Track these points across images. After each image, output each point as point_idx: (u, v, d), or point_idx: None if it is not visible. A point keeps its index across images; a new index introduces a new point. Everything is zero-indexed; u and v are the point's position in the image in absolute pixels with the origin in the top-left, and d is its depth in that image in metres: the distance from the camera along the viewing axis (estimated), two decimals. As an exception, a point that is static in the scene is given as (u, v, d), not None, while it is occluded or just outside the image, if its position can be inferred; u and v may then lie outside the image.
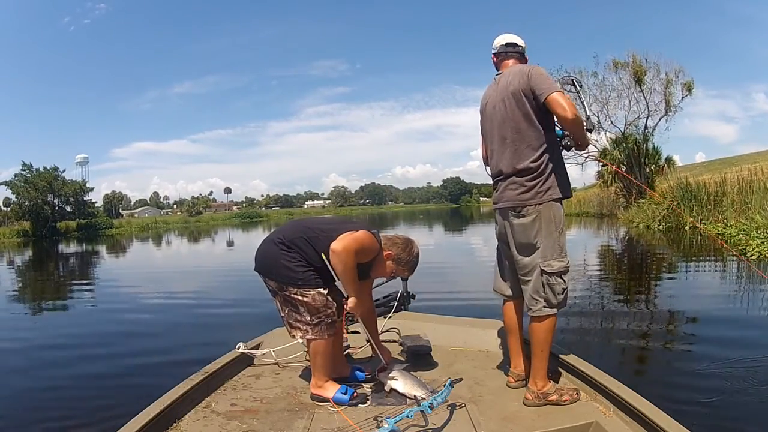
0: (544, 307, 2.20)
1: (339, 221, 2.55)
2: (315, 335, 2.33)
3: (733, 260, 8.88)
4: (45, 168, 44.93)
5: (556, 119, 2.23)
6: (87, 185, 50.30)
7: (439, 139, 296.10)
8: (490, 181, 2.47)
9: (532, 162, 2.20)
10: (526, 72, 2.22)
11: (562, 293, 2.21)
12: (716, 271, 8.36)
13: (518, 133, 2.22)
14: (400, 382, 2.34)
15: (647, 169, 20.66)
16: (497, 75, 2.42)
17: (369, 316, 2.59)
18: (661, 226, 14.78)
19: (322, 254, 2.29)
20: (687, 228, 13.63)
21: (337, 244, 2.22)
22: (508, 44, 2.44)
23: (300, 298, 2.32)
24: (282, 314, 2.44)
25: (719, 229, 11.78)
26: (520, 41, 2.44)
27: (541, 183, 2.20)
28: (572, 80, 2.54)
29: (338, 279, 2.32)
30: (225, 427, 2.09)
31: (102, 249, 25.08)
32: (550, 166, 2.22)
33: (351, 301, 2.31)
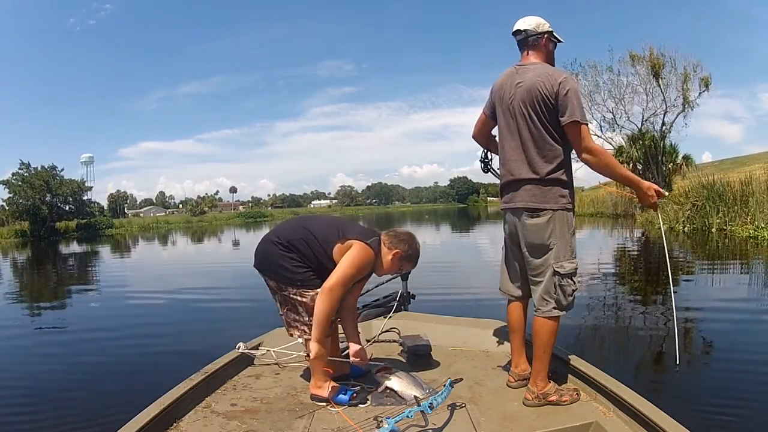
0: (554, 308, 2.20)
1: (338, 224, 2.46)
2: None
3: (761, 264, 8.60)
4: (43, 167, 44.00)
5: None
6: (86, 184, 49.45)
7: (445, 138, 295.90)
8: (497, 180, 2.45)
9: (549, 173, 2.17)
10: (556, 83, 2.12)
11: (572, 294, 2.21)
12: (743, 275, 7.93)
13: (540, 140, 2.18)
14: (397, 382, 2.34)
15: (664, 168, 20.34)
16: (518, 65, 2.31)
17: (350, 317, 2.58)
18: (685, 228, 14.03)
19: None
20: (713, 230, 13.11)
21: (328, 283, 2.23)
22: (514, 32, 2.34)
23: (299, 298, 2.33)
24: (281, 313, 2.45)
25: (750, 231, 11.34)
26: (524, 25, 2.31)
27: (557, 190, 2.20)
28: None
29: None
30: (225, 427, 2.10)
31: (98, 249, 24.76)
32: (565, 177, 2.21)
33: (313, 347, 2.25)
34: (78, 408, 3.42)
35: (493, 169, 2.64)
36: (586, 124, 2.15)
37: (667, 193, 2.36)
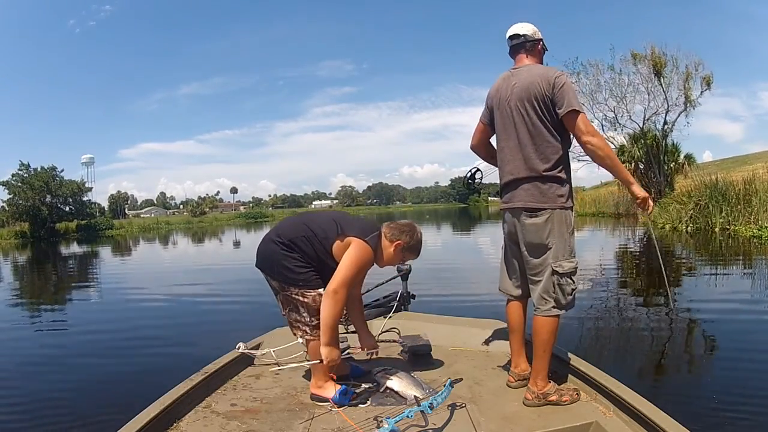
0: (553, 307, 2.21)
1: (337, 219, 2.44)
2: (314, 336, 2.33)
3: (765, 263, 8.53)
4: (42, 168, 43.79)
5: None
6: (86, 185, 49.25)
7: (446, 138, 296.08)
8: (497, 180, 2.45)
9: (547, 171, 2.19)
10: (551, 78, 2.16)
11: (571, 294, 2.21)
12: (746, 274, 7.84)
13: (538, 137, 2.20)
14: (397, 382, 2.35)
15: (666, 167, 20.24)
16: (513, 69, 2.35)
17: (357, 307, 2.66)
18: (688, 228, 13.89)
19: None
20: (717, 229, 13.01)
21: (331, 286, 2.22)
22: (510, 37, 2.38)
23: (301, 298, 2.33)
24: (283, 313, 2.45)
25: (753, 231, 11.21)
26: (523, 30, 2.35)
27: (555, 189, 2.21)
28: None
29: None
30: (225, 427, 2.10)
31: (98, 250, 24.58)
32: (563, 175, 2.22)
33: (324, 351, 2.23)
34: (78, 408, 3.43)
35: (477, 189, 2.74)
36: (584, 114, 2.17)
37: (650, 210, 2.42)
